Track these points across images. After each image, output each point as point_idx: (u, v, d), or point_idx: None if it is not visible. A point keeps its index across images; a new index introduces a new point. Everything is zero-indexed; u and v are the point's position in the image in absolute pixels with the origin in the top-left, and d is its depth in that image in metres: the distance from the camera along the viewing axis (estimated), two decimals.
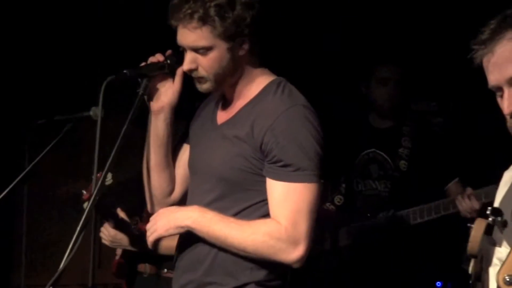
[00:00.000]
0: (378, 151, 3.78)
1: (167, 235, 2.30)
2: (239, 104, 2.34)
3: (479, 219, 1.65)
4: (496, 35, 1.68)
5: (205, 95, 2.45)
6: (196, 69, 2.28)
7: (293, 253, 2.18)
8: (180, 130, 2.65)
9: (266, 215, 2.24)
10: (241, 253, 2.22)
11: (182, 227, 2.27)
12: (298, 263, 2.21)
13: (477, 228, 1.63)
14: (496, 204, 1.96)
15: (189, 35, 2.23)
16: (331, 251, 3.73)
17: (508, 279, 1.70)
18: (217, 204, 2.28)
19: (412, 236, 3.61)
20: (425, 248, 3.62)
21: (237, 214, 2.26)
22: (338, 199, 3.84)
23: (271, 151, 2.20)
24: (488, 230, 1.62)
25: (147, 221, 3.15)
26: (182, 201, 2.50)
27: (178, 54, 2.33)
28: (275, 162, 2.20)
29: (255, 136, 2.23)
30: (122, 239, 3.09)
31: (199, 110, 2.53)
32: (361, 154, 3.78)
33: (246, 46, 2.26)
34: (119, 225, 3.08)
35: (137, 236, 3.10)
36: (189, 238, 2.32)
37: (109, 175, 2.76)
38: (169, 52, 2.39)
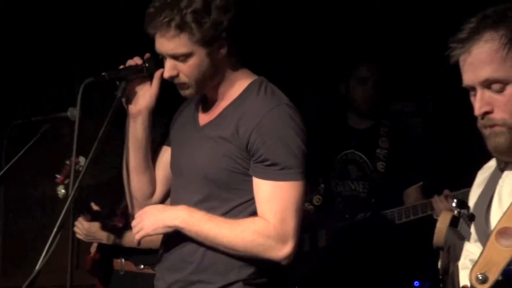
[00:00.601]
0: (356, 152, 3.79)
1: (154, 234, 2.31)
2: (221, 105, 2.35)
3: (444, 211, 1.64)
4: (474, 35, 1.69)
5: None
6: (177, 76, 2.29)
7: (282, 250, 2.21)
8: (158, 132, 2.65)
9: (254, 213, 2.26)
10: (230, 251, 2.24)
11: (170, 226, 2.28)
12: (286, 260, 2.24)
13: (443, 220, 1.62)
14: (471, 205, 1.98)
15: (168, 44, 2.23)
16: (310, 252, 3.74)
17: (481, 278, 1.72)
18: (204, 204, 2.29)
19: (390, 236, 3.63)
20: (403, 248, 3.64)
21: (225, 214, 2.27)
22: (317, 199, 3.84)
23: (257, 151, 2.22)
24: (454, 222, 1.61)
25: (123, 216, 3.17)
26: (163, 203, 2.50)
27: (157, 58, 2.34)
28: (261, 161, 2.22)
29: (240, 136, 2.24)
30: (96, 232, 3.08)
31: (178, 112, 2.54)
32: (339, 155, 3.80)
33: (224, 49, 2.27)
34: (94, 218, 3.08)
35: (113, 229, 3.10)
36: (174, 237, 2.33)
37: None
38: (147, 55, 2.39)
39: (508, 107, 1.70)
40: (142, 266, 3.14)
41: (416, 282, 3.76)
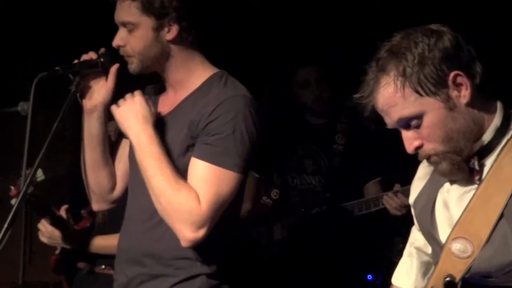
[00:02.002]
0: (313, 146, 3.81)
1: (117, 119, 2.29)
2: (180, 95, 2.35)
3: None
4: (374, 84, 1.75)
5: None
6: (124, 46, 2.29)
7: (194, 233, 2.17)
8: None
9: None
10: (153, 197, 2.21)
11: (128, 134, 2.26)
12: (190, 244, 2.19)
13: None
14: (411, 199, 2.00)
15: (120, 10, 2.28)
16: (266, 245, 3.75)
17: (448, 279, 1.75)
18: None
19: (344, 230, 3.66)
20: (357, 242, 3.67)
21: None
22: (274, 193, 3.85)
23: (204, 132, 2.21)
24: None
25: (90, 215, 3.13)
26: (124, 197, 2.48)
27: (112, 53, 2.32)
28: (206, 144, 2.21)
29: (195, 124, 2.24)
30: (59, 236, 3.05)
31: None
32: (296, 149, 3.81)
33: (174, 31, 2.27)
34: (56, 222, 3.04)
35: (74, 234, 3.07)
36: (133, 231, 2.32)
37: (40, 172, 2.72)
38: (102, 50, 2.37)
39: (433, 136, 1.74)
40: (103, 267, 3.13)
41: (369, 275, 3.79)
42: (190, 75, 2.33)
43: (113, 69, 2.36)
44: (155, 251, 2.28)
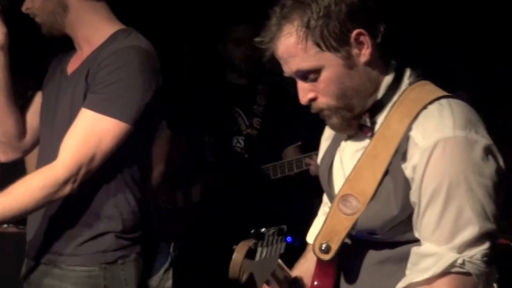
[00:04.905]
0: (233, 106, 3.79)
1: None
2: (86, 52, 2.30)
3: (241, 243, 1.58)
4: (276, 31, 1.72)
5: None
6: (30, 9, 2.27)
7: (69, 186, 2.14)
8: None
9: (127, 155, 2.21)
10: (32, 212, 2.18)
11: None
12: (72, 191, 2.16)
13: (239, 250, 1.57)
14: (319, 159, 1.99)
15: None
16: (184, 208, 3.72)
17: (324, 247, 1.74)
18: None
19: (264, 191, 3.65)
20: (277, 203, 3.67)
21: None
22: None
23: (95, 83, 2.17)
24: (251, 254, 1.54)
25: None
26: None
27: None
28: (92, 93, 2.17)
29: (90, 78, 2.19)
30: None
31: (53, 64, 2.45)
32: (216, 108, 3.77)
33: None
34: None
35: None
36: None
37: None
38: None
39: (328, 91, 1.73)
40: (5, 226, 3.04)
41: (288, 237, 3.80)
42: (95, 31, 2.28)
43: None
44: (58, 215, 2.25)
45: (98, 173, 2.19)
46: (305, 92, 1.75)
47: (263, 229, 1.53)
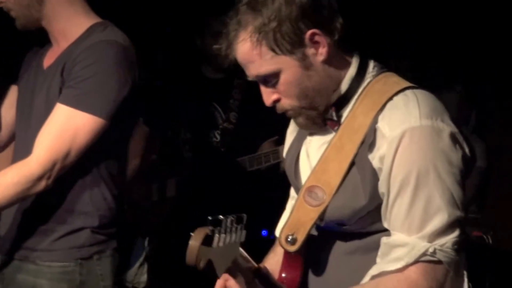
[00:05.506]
0: (209, 100, 3.77)
1: None
2: (62, 46, 2.27)
3: (198, 229, 1.58)
4: (233, 38, 1.73)
5: None
6: (4, 3, 2.24)
7: (43, 182, 2.13)
8: None
9: (104, 151, 2.20)
10: (6, 207, 2.16)
11: None
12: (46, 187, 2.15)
13: (196, 238, 1.56)
14: (284, 153, 2.01)
15: None
16: (159, 202, 3.71)
17: (290, 239, 1.75)
18: None
19: (240, 184, 3.65)
20: (252, 196, 3.67)
21: None
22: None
23: (70, 78, 2.15)
24: (207, 240, 1.53)
25: None
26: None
27: None
28: (68, 87, 2.15)
29: (65, 73, 2.18)
30: None
31: (28, 57, 2.43)
32: (191, 103, 3.74)
33: None
34: None
35: None
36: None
37: None
38: None
39: (289, 93, 1.75)
40: None
41: (264, 231, 3.81)
42: (71, 25, 2.25)
43: None
44: (33, 209, 2.23)
45: (74, 168, 2.17)
46: (268, 94, 1.77)
47: (220, 216, 1.51)
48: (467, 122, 3.96)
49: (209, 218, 1.50)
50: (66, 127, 2.12)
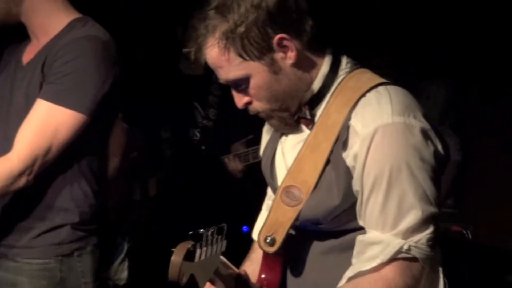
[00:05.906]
0: (188, 97, 3.77)
1: None
2: (42, 41, 2.25)
3: (181, 244, 1.53)
4: (201, 43, 1.71)
5: None
6: None
7: (24, 178, 2.11)
8: None
9: (84, 147, 2.19)
10: None
11: None
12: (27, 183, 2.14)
13: (177, 253, 1.52)
14: (261, 152, 1.99)
15: None
16: (141, 201, 3.70)
17: (268, 240, 1.75)
18: None
19: (220, 182, 3.65)
20: (233, 193, 3.67)
21: None
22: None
23: (51, 73, 2.14)
24: (189, 256, 1.50)
25: None
26: None
27: None
28: (48, 83, 2.14)
29: (46, 69, 2.16)
30: None
31: (6, 53, 2.40)
32: (170, 100, 3.74)
33: None
34: None
35: None
36: None
37: None
38: None
39: (259, 96, 1.74)
40: None
41: (244, 227, 3.81)
42: (51, 20, 2.24)
43: None
44: (13, 207, 2.20)
45: (54, 164, 2.16)
46: (239, 98, 1.77)
47: (201, 230, 1.51)
48: (451, 116, 3.97)
49: (190, 233, 1.49)
50: (47, 123, 2.11)
